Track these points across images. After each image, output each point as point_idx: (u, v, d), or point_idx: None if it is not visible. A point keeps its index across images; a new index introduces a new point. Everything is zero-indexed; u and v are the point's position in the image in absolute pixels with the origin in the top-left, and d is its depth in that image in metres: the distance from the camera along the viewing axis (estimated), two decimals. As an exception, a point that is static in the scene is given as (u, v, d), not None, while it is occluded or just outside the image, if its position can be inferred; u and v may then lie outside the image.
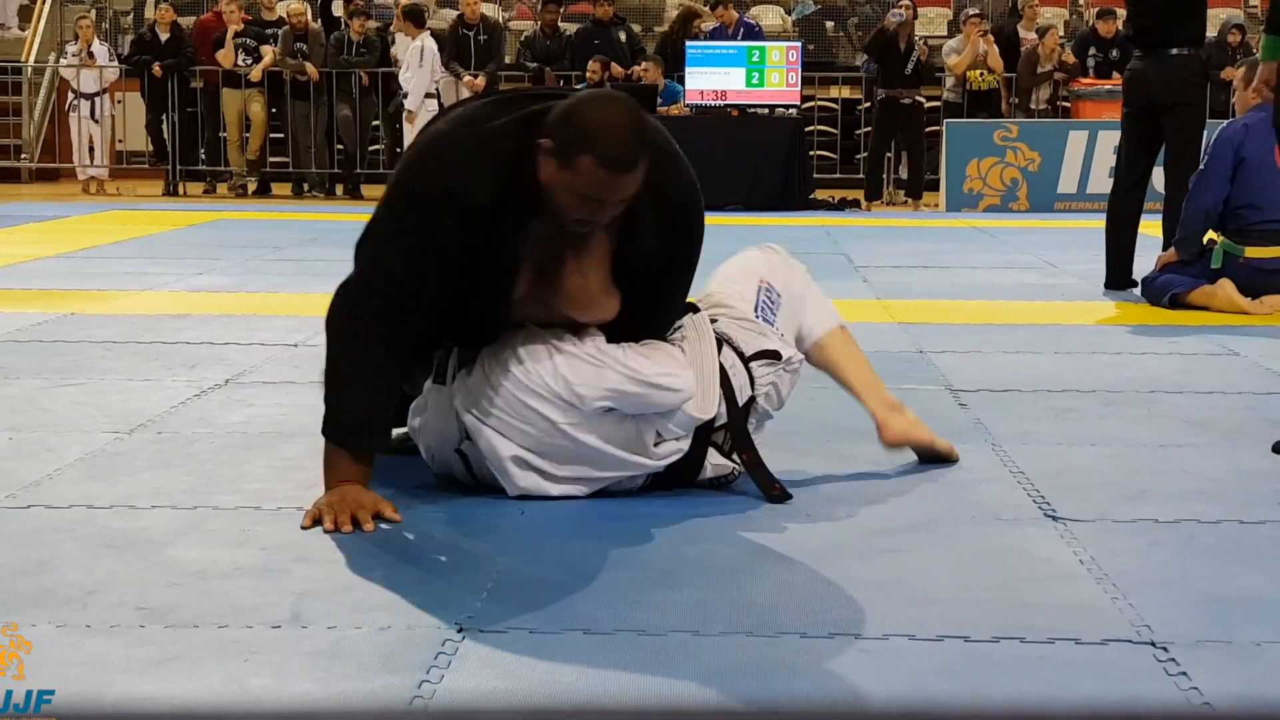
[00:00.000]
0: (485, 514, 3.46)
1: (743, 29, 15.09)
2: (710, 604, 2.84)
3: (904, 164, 14.70)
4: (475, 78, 14.54)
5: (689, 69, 13.80)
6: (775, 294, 3.86)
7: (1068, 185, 13.56)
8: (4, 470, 3.77)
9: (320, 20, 15.93)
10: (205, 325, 6.26)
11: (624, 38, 15.28)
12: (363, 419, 3.40)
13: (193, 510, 3.44)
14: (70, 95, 15.58)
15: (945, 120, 14.32)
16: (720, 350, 3.64)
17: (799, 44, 14.57)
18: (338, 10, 15.95)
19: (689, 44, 14.20)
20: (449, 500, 3.57)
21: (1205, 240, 7.17)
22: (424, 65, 14.02)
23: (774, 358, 3.71)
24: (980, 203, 13.63)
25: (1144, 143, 7.74)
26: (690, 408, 3.52)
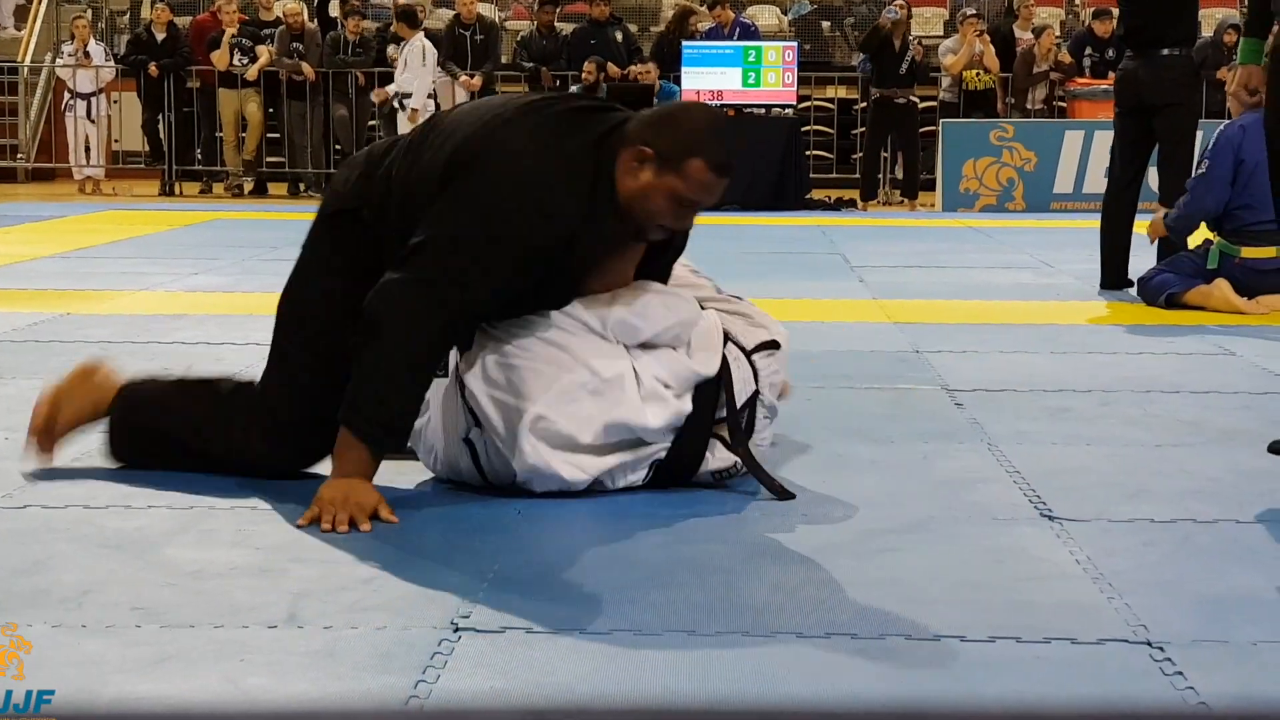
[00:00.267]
0: (482, 514, 3.46)
1: (739, 29, 15.08)
2: (706, 604, 2.84)
3: (899, 164, 14.70)
4: (472, 78, 14.54)
5: (685, 69, 13.80)
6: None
7: (1064, 185, 13.56)
8: (0, 470, 3.77)
9: (316, 20, 15.92)
10: (201, 325, 6.26)
11: (620, 37, 15.27)
12: (402, 423, 3.43)
13: (189, 510, 3.44)
14: (66, 95, 15.56)
15: (941, 120, 14.32)
16: (725, 344, 3.67)
17: (795, 44, 14.57)
18: (334, 11, 15.94)
19: (685, 44, 14.21)
20: (445, 500, 3.57)
21: (1202, 240, 7.18)
22: (426, 65, 14.01)
23: (773, 347, 3.74)
24: (976, 202, 13.63)
25: (1137, 142, 7.75)
26: (696, 363, 3.58)
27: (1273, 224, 6.85)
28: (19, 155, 16.71)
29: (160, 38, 15.39)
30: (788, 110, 14.09)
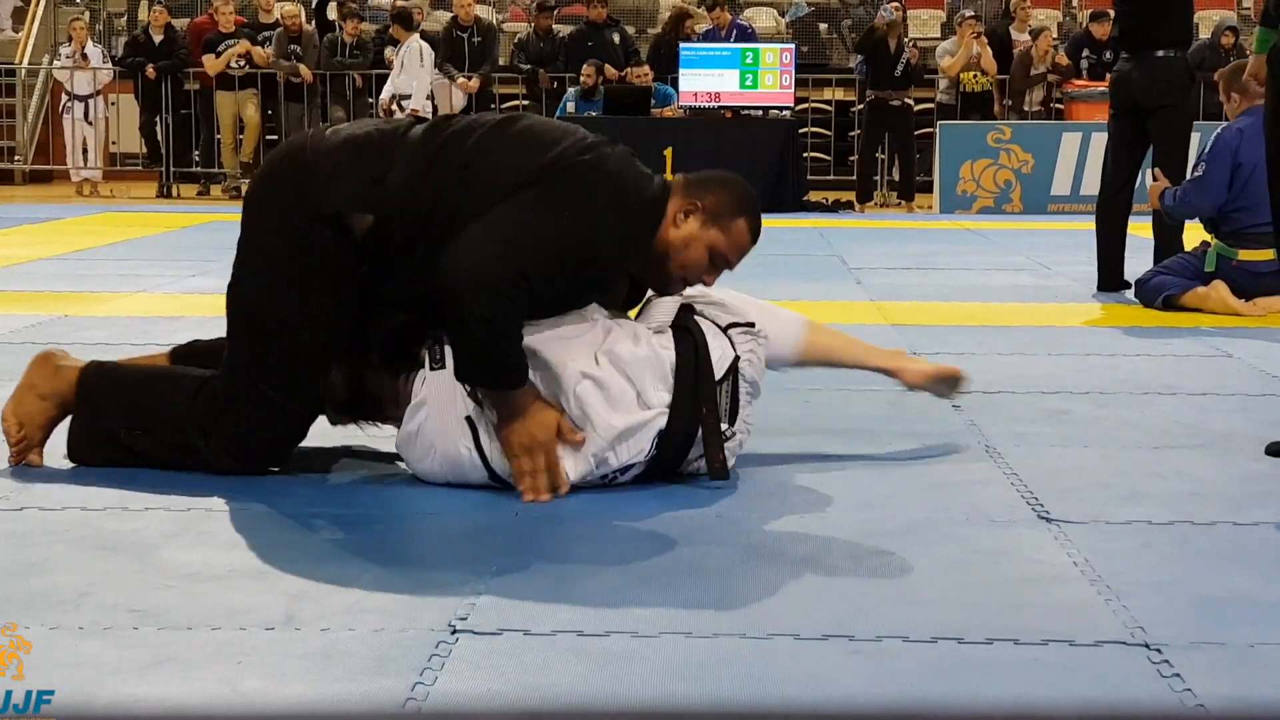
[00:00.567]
0: (478, 515, 3.47)
1: (736, 31, 15.09)
2: (703, 606, 2.84)
3: (896, 166, 14.71)
4: (469, 79, 14.54)
5: (683, 71, 13.80)
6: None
7: (1061, 187, 13.56)
8: (-3, 472, 3.77)
9: (314, 22, 15.92)
10: (199, 327, 6.24)
11: (618, 39, 15.27)
12: (521, 359, 3.53)
13: (186, 513, 3.44)
14: (64, 97, 15.57)
15: (939, 122, 14.32)
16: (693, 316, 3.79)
17: (792, 46, 14.57)
18: (332, 13, 15.95)
19: (683, 46, 14.21)
20: (443, 502, 3.57)
21: (1199, 243, 7.19)
22: (424, 66, 14.01)
23: (749, 327, 3.80)
24: (974, 204, 13.63)
25: (1131, 144, 7.75)
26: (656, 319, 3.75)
27: (1270, 226, 6.87)
28: (16, 157, 16.71)
29: (158, 40, 15.39)
30: (785, 112, 14.08)
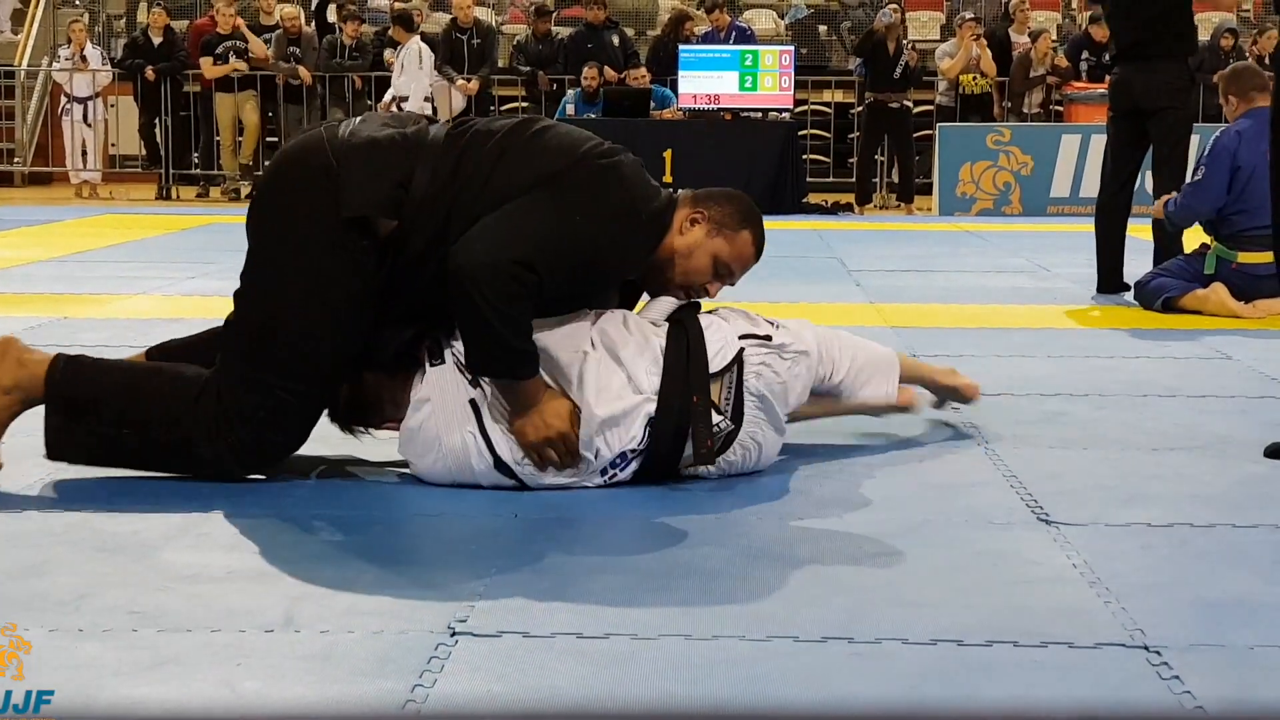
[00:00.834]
0: (478, 518, 3.47)
1: (735, 33, 15.09)
2: (703, 607, 2.84)
3: (896, 168, 14.71)
4: (469, 81, 14.54)
5: (682, 73, 13.79)
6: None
7: (1060, 189, 13.57)
8: (-4, 474, 3.77)
9: (314, 24, 15.92)
10: (198, 329, 6.24)
11: (617, 41, 15.27)
12: (531, 346, 3.57)
13: (185, 515, 3.43)
14: (63, 99, 15.57)
15: (938, 124, 14.32)
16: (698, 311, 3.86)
17: (792, 48, 14.57)
18: (331, 15, 15.94)
19: (682, 48, 14.21)
20: (442, 504, 3.57)
21: (1199, 245, 7.19)
22: (423, 68, 14.01)
23: (765, 340, 3.80)
24: (973, 206, 13.64)
25: (1130, 146, 7.75)
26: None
27: (1269, 229, 6.87)
28: (16, 159, 16.71)
29: (157, 42, 15.39)
30: (784, 114, 14.08)
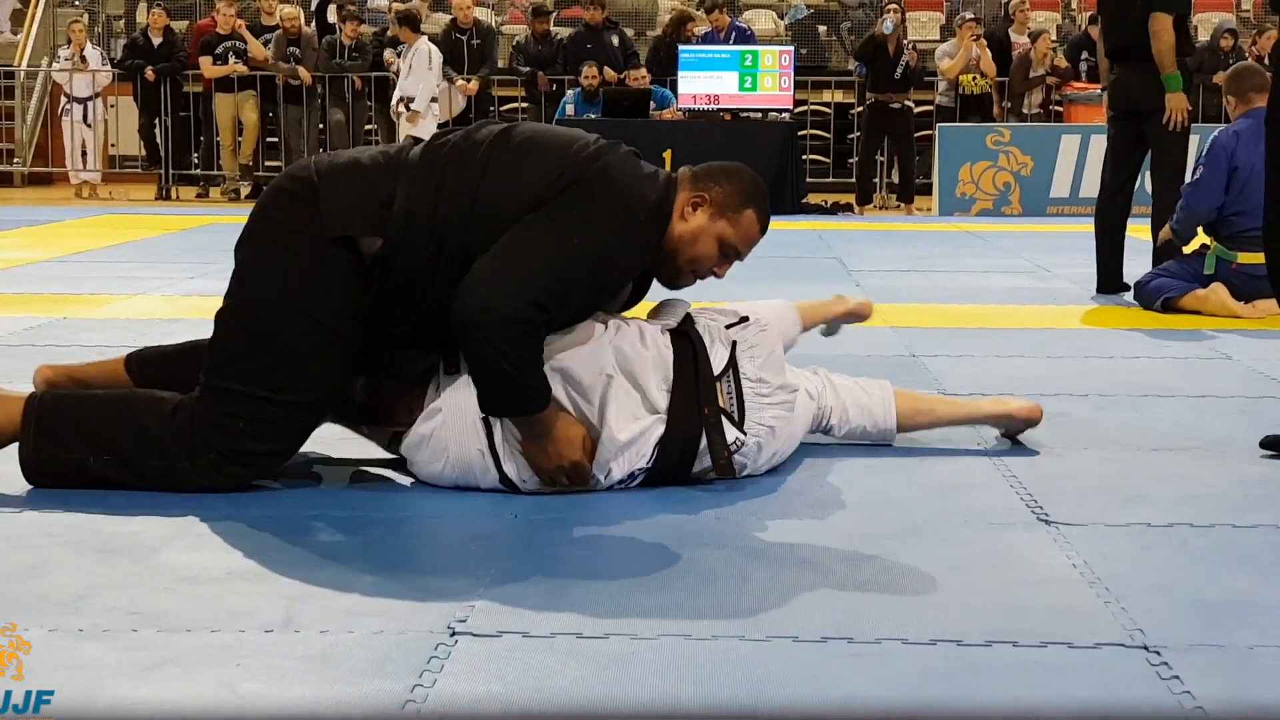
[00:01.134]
0: (478, 518, 3.47)
1: (735, 33, 15.09)
2: (702, 608, 2.84)
3: (896, 168, 14.71)
4: (468, 82, 14.54)
5: (682, 73, 13.79)
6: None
7: (1060, 189, 13.57)
8: (-4, 475, 3.77)
9: (314, 24, 15.92)
10: (198, 330, 6.21)
11: (617, 42, 15.27)
12: (543, 382, 3.55)
13: (185, 515, 3.43)
14: (63, 99, 15.57)
15: (938, 124, 14.32)
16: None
17: (791, 48, 14.57)
18: (331, 16, 15.94)
19: (682, 48, 14.21)
20: (442, 505, 3.57)
21: (1199, 245, 7.19)
22: (432, 69, 13.99)
23: (744, 321, 3.85)
24: (973, 207, 13.64)
25: (1129, 146, 7.75)
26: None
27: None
28: (15, 159, 16.70)
29: (157, 42, 15.38)
30: (784, 114, 14.09)
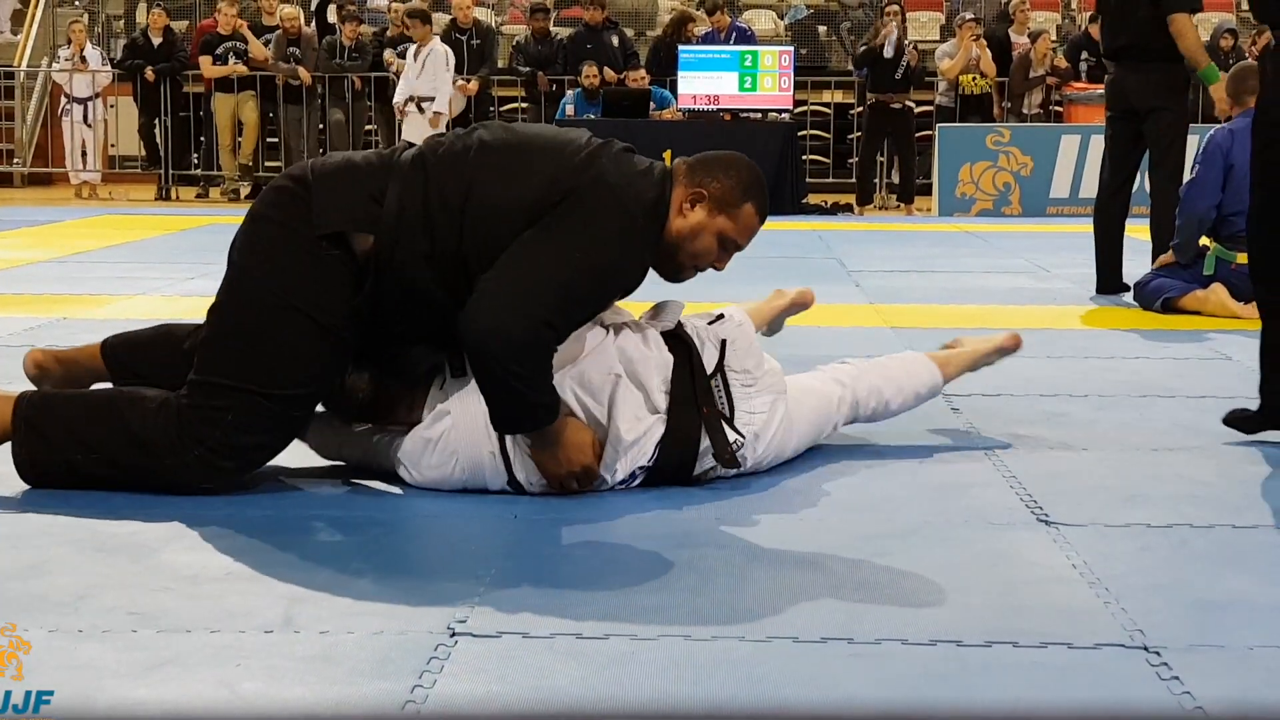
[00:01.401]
0: (478, 519, 3.47)
1: (735, 33, 15.09)
2: (702, 608, 2.84)
3: (896, 168, 14.71)
4: (468, 82, 14.54)
5: (681, 73, 13.79)
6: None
7: (1060, 190, 13.57)
8: (-4, 475, 3.77)
9: (314, 25, 15.91)
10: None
11: (617, 42, 15.27)
12: (553, 398, 3.54)
13: (184, 516, 3.43)
14: (63, 99, 15.56)
15: (937, 124, 14.32)
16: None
17: (791, 49, 14.57)
18: (331, 16, 15.93)
19: (682, 48, 14.21)
20: (442, 505, 3.57)
21: (1200, 244, 7.18)
22: (449, 69, 13.95)
23: (720, 318, 3.90)
24: (973, 207, 13.64)
25: (1128, 147, 7.75)
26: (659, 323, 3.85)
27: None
28: (15, 160, 16.70)
29: (156, 42, 15.38)
30: (784, 115, 14.09)
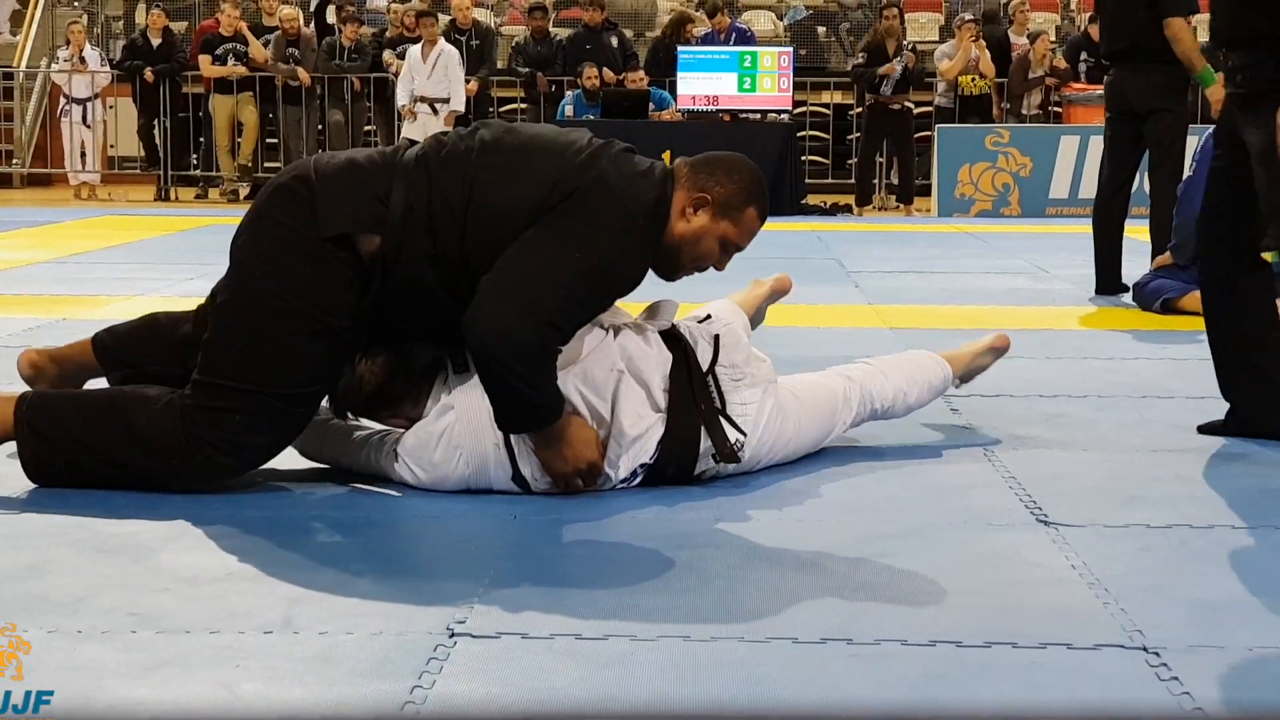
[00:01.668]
0: (477, 519, 3.47)
1: (734, 34, 15.09)
2: (701, 609, 2.84)
3: (895, 169, 14.71)
4: (468, 83, 14.53)
5: (681, 74, 13.79)
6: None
7: (1059, 190, 13.57)
8: (-5, 475, 3.77)
9: (314, 26, 15.92)
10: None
11: (616, 43, 15.27)
12: (558, 400, 3.55)
13: (184, 516, 3.43)
14: (62, 100, 15.56)
15: (937, 125, 14.32)
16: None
17: (790, 49, 14.57)
18: (331, 17, 15.93)
19: (681, 49, 14.21)
20: (441, 506, 3.57)
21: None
22: (461, 69, 13.94)
23: (709, 319, 3.93)
24: (972, 208, 13.64)
25: (1127, 147, 7.76)
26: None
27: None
28: (14, 160, 16.70)
29: (156, 43, 15.38)
30: (783, 115, 14.09)
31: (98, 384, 4.09)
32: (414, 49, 14.02)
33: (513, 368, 3.41)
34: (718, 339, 3.80)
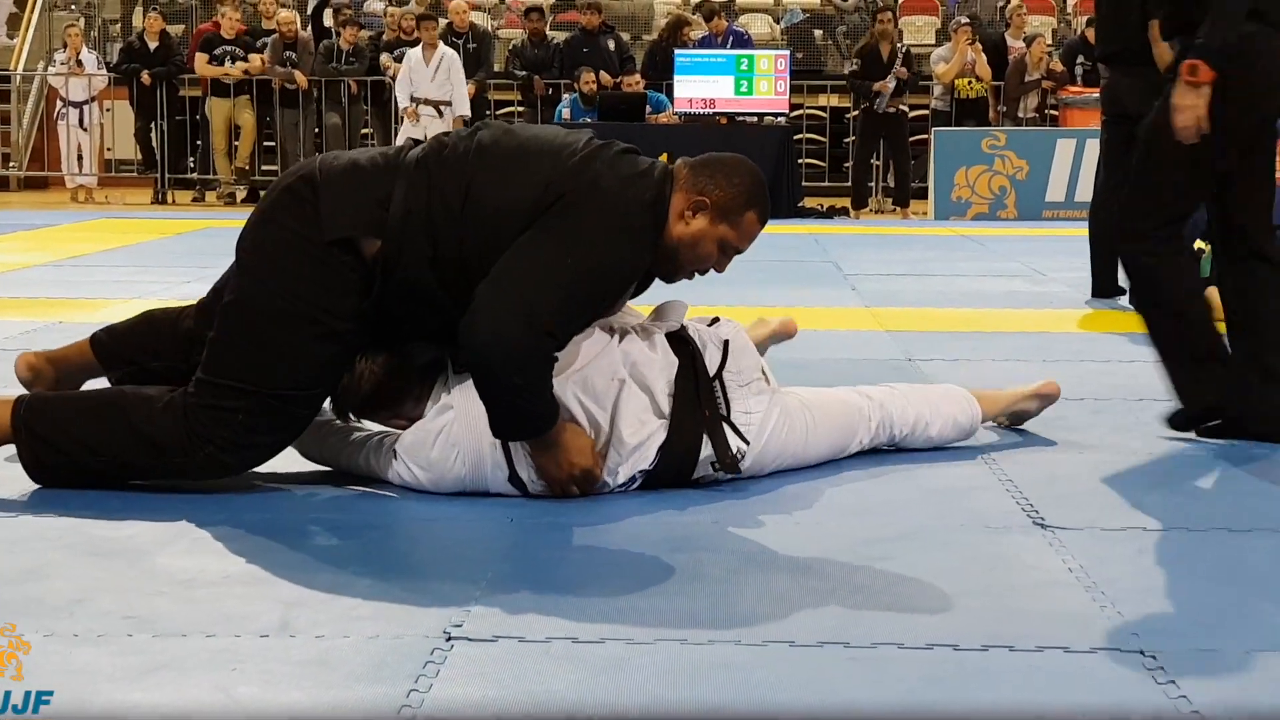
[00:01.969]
0: (474, 523, 3.46)
1: (731, 37, 15.10)
2: (699, 613, 2.84)
3: (891, 172, 14.71)
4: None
5: (678, 77, 13.80)
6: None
7: (1056, 193, 13.57)
8: (-9, 479, 3.77)
9: (311, 29, 15.92)
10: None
11: (613, 46, 15.27)
12: (552, 409, 3.54)
13: (180, 519, 3.43)
14: (59, 103, 15.57)
15: (933, 128, 14.33)
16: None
17: (787, 52, 14.58)
18: (328, 20, 15.93)
19: (678, 52, 14.21)
20: (438, 509, 3.57)
21: (1195, 248, 7.17)
22: (462, 73, 13.94)
23: (716, 320, 3.91)
24: (968, 211, 13.64)
25: (1123, 149, 7.74)
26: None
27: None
28: (11, 164, 16.70)
29: (153, 46, 15.37)
30: (780, 118, 14.10)
31: (96, 384, 4.09)
32: (414, 52, 14.02)
33: (510, 378, 3.41)
34: (727, 344, 3.79)
